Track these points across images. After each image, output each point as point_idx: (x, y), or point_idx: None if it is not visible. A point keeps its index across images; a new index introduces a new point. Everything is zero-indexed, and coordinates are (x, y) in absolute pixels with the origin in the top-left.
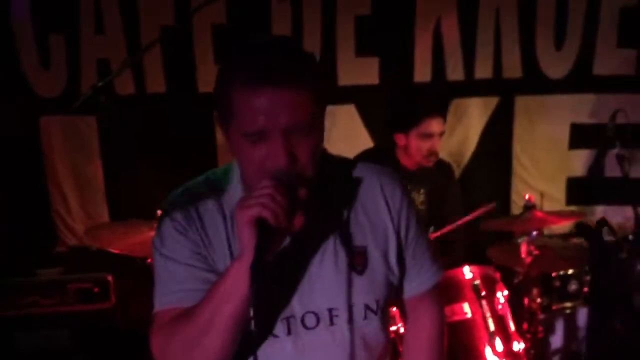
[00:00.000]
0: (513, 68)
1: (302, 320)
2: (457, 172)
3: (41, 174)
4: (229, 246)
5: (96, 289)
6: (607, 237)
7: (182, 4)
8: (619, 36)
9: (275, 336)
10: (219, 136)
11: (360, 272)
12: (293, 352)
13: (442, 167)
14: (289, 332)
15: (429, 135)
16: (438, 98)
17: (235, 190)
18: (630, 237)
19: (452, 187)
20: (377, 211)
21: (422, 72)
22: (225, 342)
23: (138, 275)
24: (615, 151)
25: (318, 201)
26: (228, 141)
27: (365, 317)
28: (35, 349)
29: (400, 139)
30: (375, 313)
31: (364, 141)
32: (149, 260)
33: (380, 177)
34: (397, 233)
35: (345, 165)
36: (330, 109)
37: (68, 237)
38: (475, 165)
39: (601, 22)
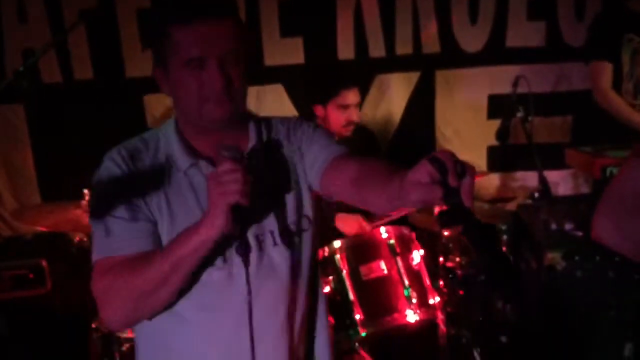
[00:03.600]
0: (432, 43)
1: (236, 249)
2: (383, 145)
3: None
4: (165, 193)
5: (31, 275)
6: None
7: None
8: (529, 9)
9: (213, 265)
10: (149, 119)
11: (276, 201)
12: (229, 278)
13: (363, 132)
14: (224, 260)
15: (345, 106)
16: (354, 72)
17: (171, 141)
18: (536, 194)
19: (375, 150)
20: (283, 148)
21: (346, 50)
22: (178, 289)
23: (73, 259)
24: (518, 118)
25: (244, 142)
26: (166, 82)
27: (287, 239)
28: None
29: (319, 111)
30: (296, 234)
31: None
32: (77, 239)
33: (284, 121)
34: (300, 156)
35: (264, 119)
36: (258, 89)
37: (1, 228)
38: (400, 137)
39: None
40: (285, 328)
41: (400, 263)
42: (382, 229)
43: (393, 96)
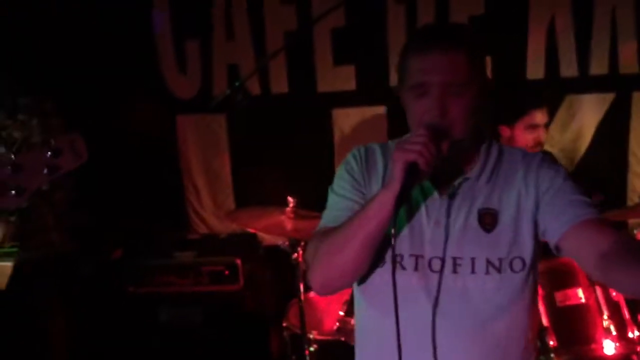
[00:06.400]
0: (630, 63)
1: (429, 262)
2: (571, 168)
3: (176, 167)
4: (383, 183)
5: (227, 272)
6: None
7: (304, 11)
8: None
9: (404, 269)
10: (336, 132)
11: (488, 231)
12: (417, 287)
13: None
14: (415, 269)
15: (534, 127)
16: (543, 92)
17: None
18: None
19: None
20: (513, 181)
21: (535, 69)
22: (360, 254)
23: (261, 259)
24: None
25: (468, 166)
26: (403, 102)
27: (487, 272)
28: (174, 325)
29: (504, 131)
30: (499, 270)
31: None
32: (280, 242)
33: (528, 155)
34: (535, 199)
35: (498, 146)
36: None
37: (199, 225)
38: (590, 161)
39: None
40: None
41: (599, 292)
42: None
43: (584, 118)
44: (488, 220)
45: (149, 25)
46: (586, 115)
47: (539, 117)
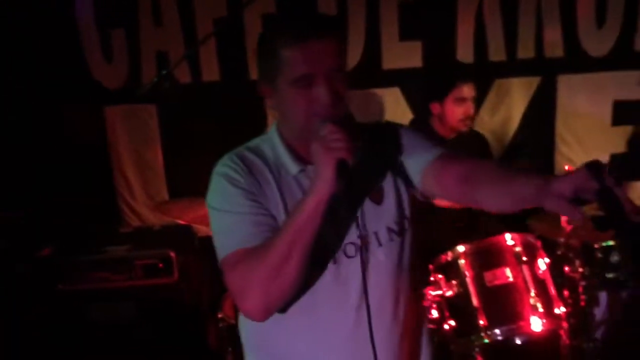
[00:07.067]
0: (555, 47)
1: (344, 251)
2: (500, 151)
3: (106, 160)
4: (281, 194)
5: (161, 265)
6: None
7: None
8: None
9: (324, 267)
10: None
11: (379, 203)
12: (338, 279)
13: (476, 136)
14: (334, 262)
15: (462, 100)
16: (473, 76)
17: (277, 148)
18: None
19: (488, 155)
20: (383, 151)
21: (465, 54)
22: (301, 268)
23: (196, 251)
24: None
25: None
26: (274, 99)
27: (391, 239)
28: (106, 321)
29: (435, 108)
30: (398, 234)
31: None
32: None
33: (383, 125)
34: (400, 160)
35: (363, 124)
36: (375, 91)
37: (132, 218)
38: (518, 143)
39: None
40: (392, 328)
41: (526, 271)
42: (508, 236)
43: (512, 101)
44: (377, 193)
45: (72, 12)
46: (514, 98)
47: (466, 90)
